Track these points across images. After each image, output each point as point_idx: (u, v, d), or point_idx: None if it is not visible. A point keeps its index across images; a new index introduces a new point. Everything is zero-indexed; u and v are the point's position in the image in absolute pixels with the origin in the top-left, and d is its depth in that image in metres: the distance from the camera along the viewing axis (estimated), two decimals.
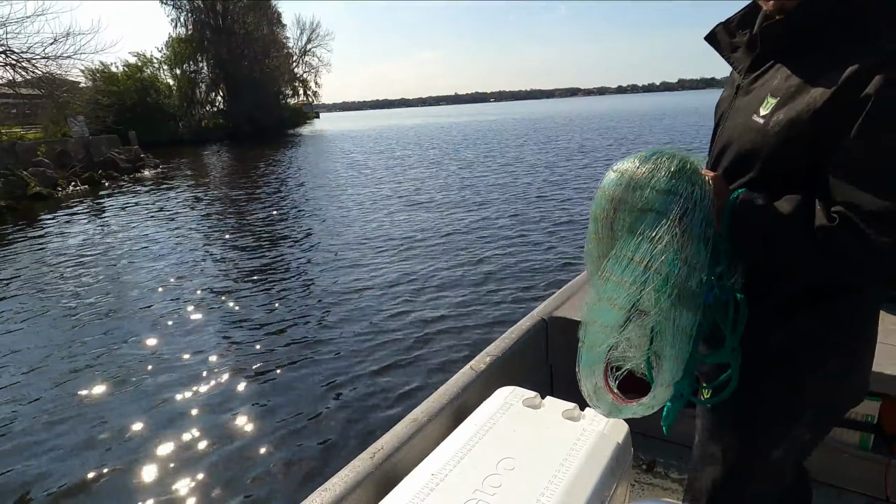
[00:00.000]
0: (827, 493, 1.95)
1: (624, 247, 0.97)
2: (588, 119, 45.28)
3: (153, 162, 23.29)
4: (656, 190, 0.94)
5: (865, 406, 1.87)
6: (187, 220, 11.31)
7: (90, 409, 4.01)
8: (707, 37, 1.19)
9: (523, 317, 2.23)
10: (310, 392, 4.11)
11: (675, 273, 0.92)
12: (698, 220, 0.93)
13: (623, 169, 0.99)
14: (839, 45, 0.91)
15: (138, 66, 40.25)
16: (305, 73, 55.73)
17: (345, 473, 1.34)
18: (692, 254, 0.93)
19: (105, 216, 12.59)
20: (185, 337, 5.21)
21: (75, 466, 3.38)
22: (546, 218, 9.35)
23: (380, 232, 9.07)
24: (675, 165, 0.95)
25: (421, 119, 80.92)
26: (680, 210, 0.92)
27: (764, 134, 0.97)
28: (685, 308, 0.96)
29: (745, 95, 1.06)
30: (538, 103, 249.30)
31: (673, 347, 0.99)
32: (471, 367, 1.84)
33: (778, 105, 0.95)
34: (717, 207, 0.98)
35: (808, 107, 0.90)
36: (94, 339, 5.31)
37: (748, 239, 0.97)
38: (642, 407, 1.09)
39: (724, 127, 1.11)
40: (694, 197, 0.93)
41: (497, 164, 17.64)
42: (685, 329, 0.98)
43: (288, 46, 53.34)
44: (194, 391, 4.19)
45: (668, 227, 0.92)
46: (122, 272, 7.74)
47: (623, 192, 0.97)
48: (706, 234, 0.95)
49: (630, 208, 0.97)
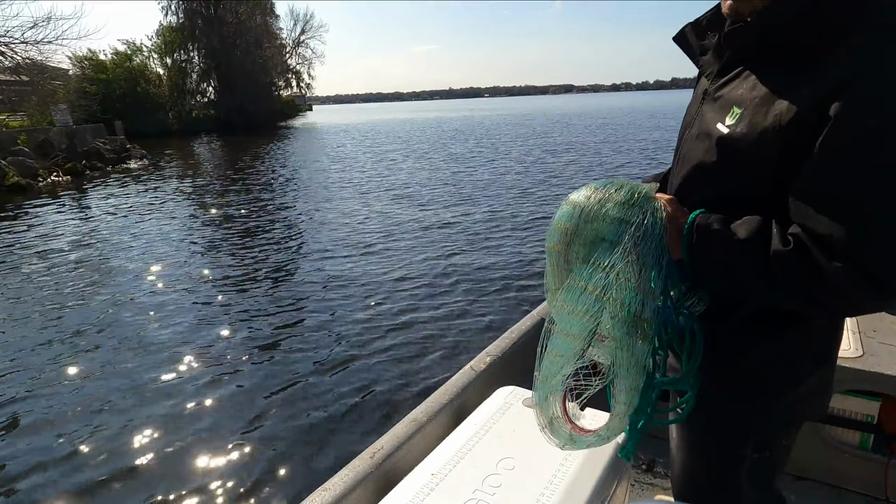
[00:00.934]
0: (827, 493, 1.98)
1: (577, 277, 0.97)
2: (587, 117, 45.38)
3: (139, 153, 22.83)
4: (607, 220, 0.95)
5: (865, 406, 1.89)
6: (170, 213, 11.18)
7: (70, 422, 3.93)
8: (676, 37, 1.14)
9: (523, 317, 2.24)
10: (309, 391, 4.11)
11: (627, 302, 0.92)
12: (651, 248, 0.93)
13: (575, 201, 0.99)
14: (807, 55, 0.86)
15: (127, 54, 39.94)
16: (298, 65, 55.61)
17: (345, 473, 1.35)
18: (646, 282, 0.93)
19: (86, 207, 12.40)
20: (171, 332, 5.19)
21: (62, 472, 3.35)
22: (546, 217, 9.40)
23: (377, 230, 9.05)
24: (624, 194, 0.96)
25: (414, 113, 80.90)
26: (631, 238, 0.92)
27: (726, 145, 0.94)
28: (640, 338, 0.96)
29: (712, 102, 1.01)
30: (532, 99, 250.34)
31: (627, 378, 0.99)
32: (471, 367, 1.85)
33: (742, 116, 0.92)
34: (672, 232, 0.96)
35: (773, 122, 0.86)
36: (67, 334, 5.24)
37: (706, 264, 0.95)
38: (598, 438, 1.09)
39: (687, 134, 1.08)
40: (645, 224, 0.93)
41: (495, 161, 17.69)
42: (639, 359, 0.98)
43: (281, 37, 53.18)
44: (190, 391, 4.17)
45: (621, 256, 0.92)
46: (99, 265, 7.61)
47: (575, 224, 0.98)
48: (660, 261, 0.94)
49: (583, 241, 0.97)
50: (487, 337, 4.60)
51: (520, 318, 2.25)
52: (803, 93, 0.84)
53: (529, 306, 3.14)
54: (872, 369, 1.80)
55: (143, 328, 5.31)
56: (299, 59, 55.74)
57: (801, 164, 0.84)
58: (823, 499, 1.96)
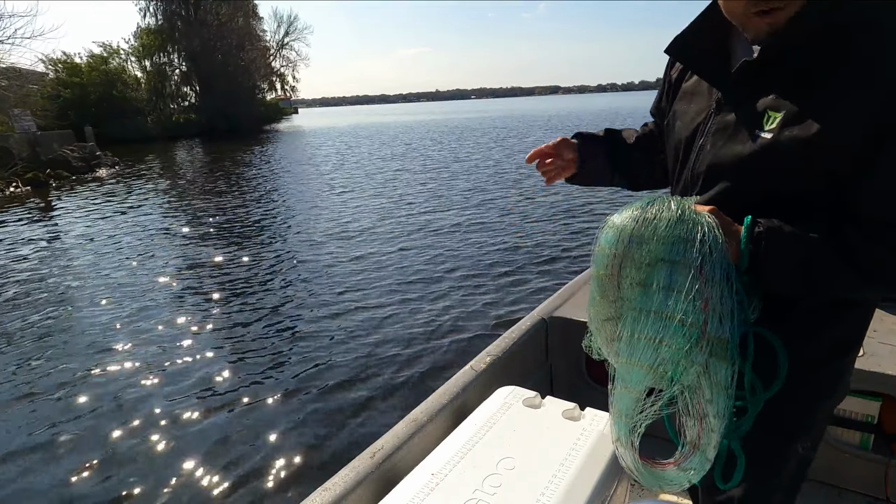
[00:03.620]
0: (827, 493, 2.01)
1: (645, 301, 0.94)
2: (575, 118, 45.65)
3: (111, 160, 21.97)
4: (662, 240, 0.92)
5: (865, 406, 1.92)
6: (139, 225, 10.71)
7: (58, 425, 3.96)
8: (669, 50, 1.15)
9: (523, 317, 2.28)
10: (308, 392, 4.17)
11: (706, 323, 0.90)
12: (718, 263, 0.90)
13: (620, 225, 0.97)
14: (828, 48, 0.90)
15: (103, 56, 39.54)
16: (283, 68, 55.69)
17: (345, 473, 1.37)
18: (717, 300, 0.90)
19: (46, 220, 11.77)
20: (147, 339, 5.17)
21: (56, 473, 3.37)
22: (549, 213, 9.57)
23: (373, 231, 9.10)
24: (675, 211, 0.93)
25: (401, 116, 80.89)
26: (698, 255, 0.89)
27: (775, 151, 0.94)
28: (720, 360, 0.94)
29: (734, 110, 1.01)
30: (519, 101, 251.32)
31: (715, 404, 0.96)
32: (471, 366, 1.87)
33: (785, 121, 0.92)
34: (730, 242, 0.94)
35: (820, 125, 0.88)
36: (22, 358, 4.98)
37: (781, 272, 0.94)
38: (694, 473, 1.05)
39: (707, 145, 1.06)
40: (707, 239, 0.90)
41: (492, 159, 17.86)
42: (723, 383, 0.95)
43: (265, 39, 53.21)
44: (188, 395, 4.21)
45: (691, 276, 0.89)
46: (57, 283, 7.16)
47: (626, 248, 0.95)
48: (728, 276, 0.91)
49: (638, 264, 0.94)
50: (487, 337, 4.67)
51: (520, 318, 2.28)
52: (841, 94, 0.87)
53: (530, 307, 3.20)
54: (872, 369, 1.83)
55: (103, 355, 5.00)
56: (283, 62, 55.96)
57: (855, 168, 0.88)
58: (823, 499, 1.99)
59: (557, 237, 8.08)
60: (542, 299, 2.58)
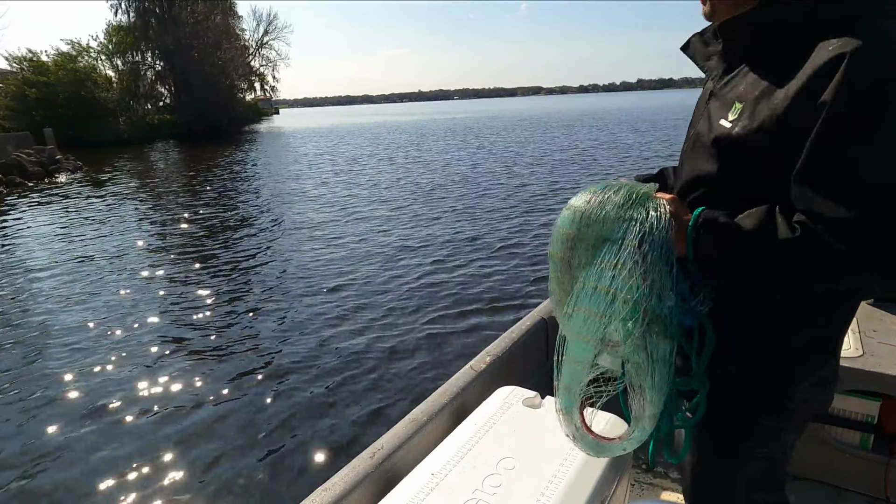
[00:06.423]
0: (827, 493, 2.06)
1: (587, 277, 1.01)
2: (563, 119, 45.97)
3: (73, 164, 20.96)
4: (608, 220, 0.99)
5: (865, 406, 1.97)
6: (99, 235, 10.16)
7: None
8: (683, 47, 1.25)
9: (523, 317, 2.31)
10: (308, 392, 4.23)
11: (643, 299, 0.96)
12: (658, 244, 0.97)
13: (575, 206, 1.04)
14: (802, 43, 0.93)
15: (72, 55, 38.85)
16: (262, 67, 55.43)
17: (345, 473, 1.39)
18: (657, 278, 0.97)
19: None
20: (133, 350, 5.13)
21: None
22: (546, 215, 9.68)
23: (374, 230, 9.22)
24: (623, 195, 1.01)
25: (385, 116, 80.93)
26: (637, 234, 0.96)
27: (727, 140, 1.01)
28: (660, 335, 1.00)
29: (717, 101, 1.09)
30: (502, 101, 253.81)
31: (652, 377, 1.02)
32: (471, 366, 1.90)
33: (744, 110, 0.99)
34: (677, 229, 1.00)
35: (771, 113, 0.93)
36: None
37: (713, 259, 1.00)
38: (630, 442, 1.13)
39: (693, 133, 1.16)
40: (650, 220, 0.97)
41: (490, 159, 18.16)
42: (663, 357, 1.02)
43: (243, 38, 52.94)
44: (186, 395, 4.28)
45: (630, 253, 0.96)
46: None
47: (577, 229, 1.03)
48: (668, 258, 0.98)
49: (586, 245, 1.02)
50: (487, 337, 4.71)
51: (520, 318, 2.31)
52: (795, 82, 0.91)
53: (530, 306, 3.25)
54: (872, 369, 1.89)
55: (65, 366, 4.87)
56: (263, 61, 55.71)
57: (799, 155, 0.90)
58: (823, 499, 2.04)
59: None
60: (542, 299, 2.61)
